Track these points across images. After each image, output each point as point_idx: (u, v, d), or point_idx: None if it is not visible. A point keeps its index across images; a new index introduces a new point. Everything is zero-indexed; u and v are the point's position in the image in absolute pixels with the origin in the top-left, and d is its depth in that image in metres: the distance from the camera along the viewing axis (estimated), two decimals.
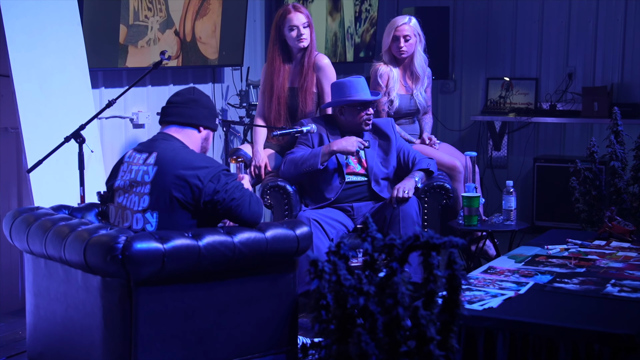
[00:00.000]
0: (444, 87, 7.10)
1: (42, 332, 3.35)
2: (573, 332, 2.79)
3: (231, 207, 3.16)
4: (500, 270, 3.54)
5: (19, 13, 4.16)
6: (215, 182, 3.14)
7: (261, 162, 4.66)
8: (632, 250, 3.91)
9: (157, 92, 5.29)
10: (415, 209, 4.32)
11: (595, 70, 6.61)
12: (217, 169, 3.18)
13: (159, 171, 3.15)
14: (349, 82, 4.46)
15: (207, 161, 3.22)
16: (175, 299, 3.01)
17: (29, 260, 3.39)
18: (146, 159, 3.21)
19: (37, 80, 4.24)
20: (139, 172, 3.19)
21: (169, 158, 3.17)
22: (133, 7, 4.80)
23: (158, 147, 3.23)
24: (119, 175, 3.28)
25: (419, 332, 1.87)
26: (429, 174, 4.52)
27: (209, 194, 3.13)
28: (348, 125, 4.52)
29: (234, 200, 3.16)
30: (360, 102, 4.44)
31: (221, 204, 3.14)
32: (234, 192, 3.16)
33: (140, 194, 3.17)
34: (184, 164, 3.15)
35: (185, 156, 3.20)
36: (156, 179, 3.15)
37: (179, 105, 3.35)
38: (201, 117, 3.34)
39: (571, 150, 6.67)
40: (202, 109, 3.35)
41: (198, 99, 3.36)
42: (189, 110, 3.33)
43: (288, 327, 3.28)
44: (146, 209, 3.15)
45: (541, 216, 6.39)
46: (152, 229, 3.13)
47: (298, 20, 4.65)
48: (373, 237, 2.02)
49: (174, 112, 3.35)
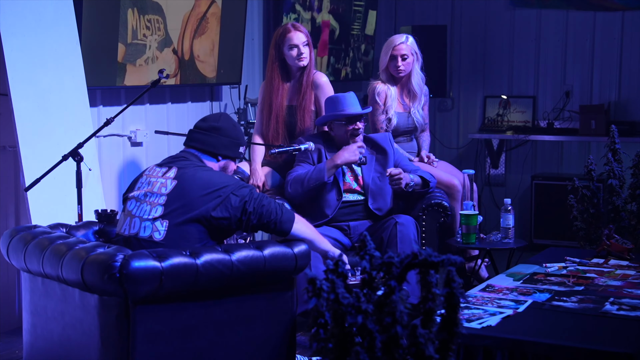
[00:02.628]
0: (441, 105, 7.11)
1: (40, 351, 3.34)
2: (572, 351, 2.78)
3: (262, 214, 3.24)
4: (499, 289, 3.53)
5: (18, 32, 4.17)
6: (239, 195, 3.23)
7: (259, 181, 4.66)
8: (631, 268, 3.91)
9: (155, 110, 5.30)
10: (414, 231, 4.30)
11: (593, 89, 6.63)
12: (237, 184, 3.27)
13: (178, 185, 3.22)
14: (336, 97, 4.48)
15: (226, 178, 3.30)
16: (173, 318, 3.00)
17: (26, 279, 3.38)
18: (165, 172, 3.29)
19: (36, 99, 4.24)
20: (157, 184, 3.27)
21: (189, 174, 3.25)
22: (131, 26, 4.81)
23: (179, 163, 3.32)
24: (136, 186, 3.36)
25: (418, 351, 1.86)
26: (425, 185, 4.51)
27: (238, 206, 3.21)
28: (339, 140, 4.52)
29: (263, 207, 3.24)
30: (345, 116, 4.44)
31: (254, 214, 3.23)
32: (262, 200, 3.26)
33: (153, 203, 3.23)
34: (204, 180, 3.23)
35: (205, 173, 3.28)
36: (174, 192, 3.21)
37: (201, 132, 3.44)
38: (220, 147, 3.42)
39: (569, 168, 6.68)
40: (223, 138, 3.42)
41: (221, 128, 3.42)
42: (209, 138, 3.41)
43: (286, 346, 3.27)
44: (157, 217, 3.20)
45: (539, 234, 6.39)
46: (160, 237, 3.18)
47: (298, 39, 4.66)
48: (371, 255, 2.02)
49: (196, 137, 3.44)
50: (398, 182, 4.35)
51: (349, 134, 4.47)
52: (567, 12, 6.66)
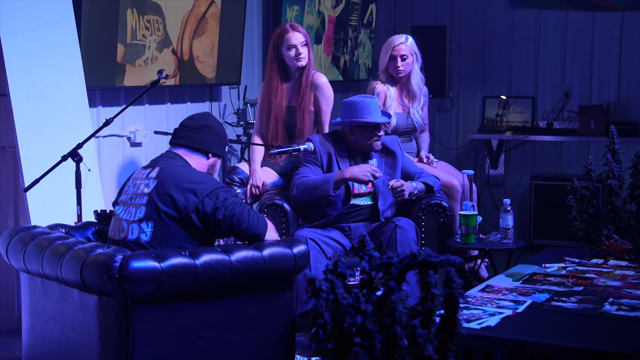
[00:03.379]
0: (441, 106, 7.11)
1: (39, 352, 3.34)
2: (571, 351, 2.78)
3: (232, 222, 3.20)
4: (498, 289, 3.53)
5: (17, 32, 4.17)
6: (214, 199, 3.18)
7: (259, 181, 4.66)
8: (630, 268, 3.91)
9: (155, 110, 5.30)
10: (413, 235, 4.30)
11: (592, 89, 6.63)
12: (215, 186, 3.23)
13: (158, 184, 3.21)
14: (362, 102, 4.41)
15: (206, 178, 3.27)
16: (172, 318, 3.00)
17: (26, 280, 3.38)
18: (149, 173, 3.29)
19: (35, 99, 4.24)
20: (141, 186, 3.27)
21: (169, 173, 3.24)
22: (131, 26, 4.81)
23: (161, 162, 3.32)
24: (124, 190, 3.36)
25: (417, 351, 1.86)
26: (429, 190, 4.51)
27: (210, 212, 3.18)
28: (357, 145, 4.50)
29: (234, 216, 3.20)
30: (372, 124, 4.43)
31: (223, 221, 3.19)
32: (234, 208, 3.21)
33: (137, 205, 3.23)
34: (183, 179, 3.21)
35: (186, 172, 3.27)
36: (154, 191, 3.20)
37: (191, 129, 3.42)
38: (211, 144, 3.41)
39: (568, 168, 6.67)
40: (213, 136, 3.42)
41: (211, 126, 3.42)
42: (200, 135, 3.40)
43: (285, 346, 3.27)
44: (142, 219, 3.19)
45: (539, 234, 6.38)
46: (147, 239, 3.17)
47: (296, 39, 4.66)
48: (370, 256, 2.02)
49: (185, 135, 3.41)
50: (401, 194, 4.35)
51: (371, 141, 4.45)
52: (567, 13, 6.66)
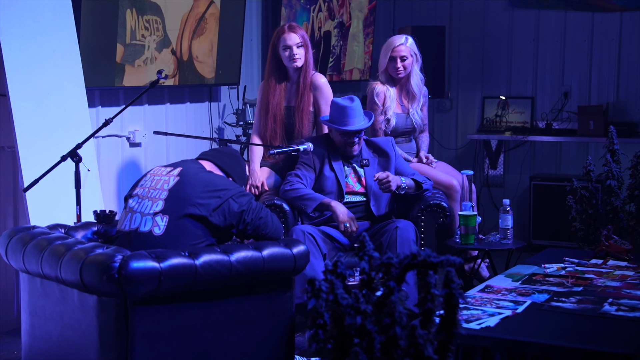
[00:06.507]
0: (440, 106, 7.11)
1: (38, 352, 3.34)
2: (570, 351, 2.78)
3: (259, 226, 3.34)
4: (498, 289, 3.53)
5: (16, 32, 4.17)
6: (239, 201, 3.31)
7: (258, 182, 4.66)
8: (629, 269, 3.91)
9: (154, 111, 5.29)
10: (412, 236, 4.30)
11: (591, 89, 6.63)
12: (238, 189, 3.37)
13: (180, 182, 3.29)
14: (343, 108, 4.44)
15: (229, 182, 3.42)
16: (172, 319, 3.00)
17: (25, 280, 3.38)
18: (170, 171, 3.37)
19: (34, 99, 4.24)
20: (160, 181, 3.33)
21: (193, 172, 3.34)
22: (130, 27, 4.81)
23: (184, 164, 3.42)
24: (140, 184, 3.42)
25: (417, 352, 1.86)
26: (419, 187, 4.51)
27: (237, 213, 3.29)
28: (338, 145, 4.55)
29: (261, 219, 3.34)
30: (343, 131, 4.45)
31: (251, 224, 3.32)
32: (260, 211, 3.35)
33: (155, 198, 3.28)
34: (206, 180, 3.32)
35: (209, 175, 3.38)
36: (175, 188, 3.27)
37: (222, 152, 3.63)
38: (235, 171, 3.58)
39: (567, 169, 6.68)
40: (238, 167, 3.60)
41: (239, 158, 3.66)
42: (228, 159, 3.58)
43: (285, 347, 3.27)
44: (158, 212, 3.24)
45: (538, 235, 6.38)
46: (160, 232, 3.21)
47: (291, 40, 4.67)
48: (370, 256, 2.02)
49: (214, 154, 3.60)
50: (387, 186, 4.36)
51: (345, 147, 4.51)
52: (566, 13, 6.66)
